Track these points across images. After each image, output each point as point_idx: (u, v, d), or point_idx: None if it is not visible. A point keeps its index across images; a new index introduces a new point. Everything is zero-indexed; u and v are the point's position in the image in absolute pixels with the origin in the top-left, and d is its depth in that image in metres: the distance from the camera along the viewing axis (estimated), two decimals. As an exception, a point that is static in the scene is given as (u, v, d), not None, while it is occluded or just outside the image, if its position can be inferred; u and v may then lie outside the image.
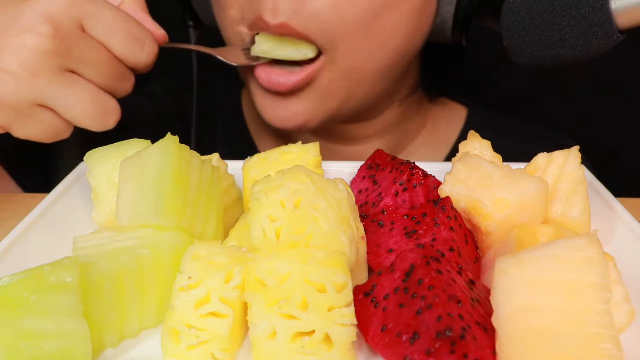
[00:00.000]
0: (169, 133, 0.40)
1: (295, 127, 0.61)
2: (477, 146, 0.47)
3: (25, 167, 0.69)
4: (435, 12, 0.61)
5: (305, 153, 0.47)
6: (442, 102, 0.79)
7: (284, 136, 0.74)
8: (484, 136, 0.48)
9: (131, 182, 0.39)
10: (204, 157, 0.45)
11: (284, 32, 0.55)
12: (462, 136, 0.75)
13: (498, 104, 0.83)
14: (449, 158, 0.74)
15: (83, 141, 0.79)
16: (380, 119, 0.69)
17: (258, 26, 0.56)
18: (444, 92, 0.79)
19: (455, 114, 0.77)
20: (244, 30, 0.59)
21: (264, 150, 0.48)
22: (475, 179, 0.41)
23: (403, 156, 0.63)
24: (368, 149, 0.71)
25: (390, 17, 0.57)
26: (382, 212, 0.43)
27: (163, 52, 0.55)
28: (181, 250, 0.36)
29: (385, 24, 0.57)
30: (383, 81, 0.62)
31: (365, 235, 0.40)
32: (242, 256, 0.35)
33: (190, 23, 0.70)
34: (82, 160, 0.52)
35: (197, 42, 0.70)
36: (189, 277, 0.34)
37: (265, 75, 0.58)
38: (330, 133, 0.70)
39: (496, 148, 0.47)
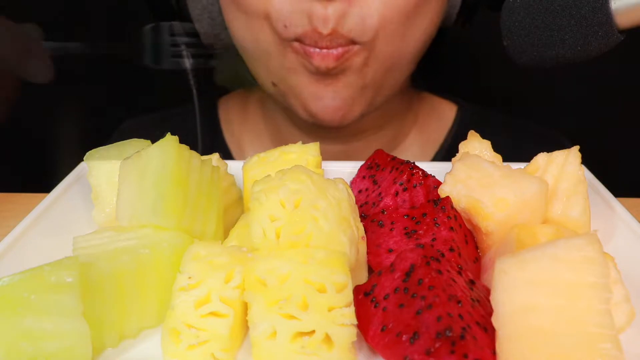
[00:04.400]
0: (168, 133, 0.40)
1: (341, 118, 0.60)
2: (477, 146, 0.47)
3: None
4: None
5: (305, 153, 0.47)
6: (432, 99, 0.79)
7: (272, 141, 0.74)
8: None
9: (131, 182, 0.39)
10: (204, 157, 0.45)
11: (333, 41, 0.55)
12: (452, 133, 0.75)
13: (497, 104, 0.83)
14: (439, 155, 0.74)
15: (83, 141, 0.79)
16: (377, 113, 0.70)
17: (310, 38, 0.55)
18: (435, 90, 0.79)
19: (445, 111, 0.78)
20: (281, 41, 0.58)
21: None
22: (475, 178, 0.41)
23: (395, 153, 0.64)
24: (361, 146, 0.71)
25: (425, 6, 0.58)
26: (382, 212, 0.43)
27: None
28: (181, 250, 0.36)
29: (421, 12, 0.58)
30: (410, 68, 0.63)
31: (365, 235, 0.40)
32: (243, 256, 0.35)
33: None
34: (82, 160, 0.52)
35: (193, 62, 0.69)
36: (189, 277, 0.34)
37: (317, 53, 0.56)
38: (325, 130, 0.70)
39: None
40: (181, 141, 0.66)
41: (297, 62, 0.58)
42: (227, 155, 0.76)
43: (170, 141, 0.39)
